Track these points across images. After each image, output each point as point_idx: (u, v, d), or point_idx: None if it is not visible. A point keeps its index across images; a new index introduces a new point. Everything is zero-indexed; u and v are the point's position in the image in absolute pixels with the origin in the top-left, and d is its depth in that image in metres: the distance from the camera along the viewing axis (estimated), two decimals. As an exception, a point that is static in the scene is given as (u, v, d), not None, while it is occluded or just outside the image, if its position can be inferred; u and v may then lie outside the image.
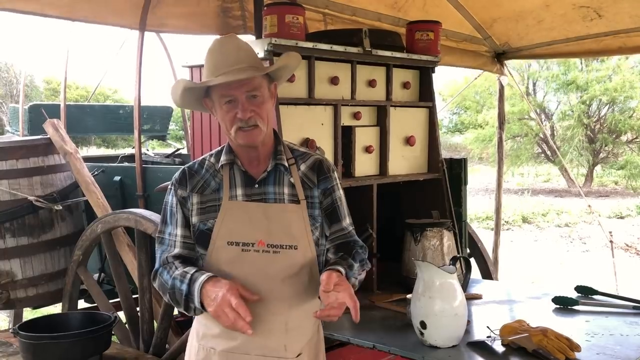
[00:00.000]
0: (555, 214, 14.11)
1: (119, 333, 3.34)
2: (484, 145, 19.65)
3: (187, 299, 1.90)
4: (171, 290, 1.95)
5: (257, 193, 2.03)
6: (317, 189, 2.05)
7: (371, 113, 3.37)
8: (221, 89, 1.94)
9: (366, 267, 2.10)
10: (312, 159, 2.10)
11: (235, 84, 1.92)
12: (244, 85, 1.92)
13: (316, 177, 2.06)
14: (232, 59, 1.94)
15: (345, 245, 2.09)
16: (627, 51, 4.89)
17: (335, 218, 2.08)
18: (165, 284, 1.98)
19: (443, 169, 3.56)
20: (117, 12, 3.60)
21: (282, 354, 2.01)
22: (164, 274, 2.00)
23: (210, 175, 2.06)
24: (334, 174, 2.10)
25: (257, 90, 1.94)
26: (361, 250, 2.10)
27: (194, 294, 1.88)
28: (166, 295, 2.00)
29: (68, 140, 3.76)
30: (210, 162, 2.08)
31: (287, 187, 2.03)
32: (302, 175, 2.05)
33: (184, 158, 4.62)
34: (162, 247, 2.06)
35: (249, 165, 2.05)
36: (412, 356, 2.38)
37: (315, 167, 2.07)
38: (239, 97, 1.93)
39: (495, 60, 5.23)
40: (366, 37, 3.18)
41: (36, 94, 23.95)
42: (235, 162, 2.04)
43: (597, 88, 17.99)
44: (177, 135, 13.98)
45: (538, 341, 2.25)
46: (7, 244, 3.53)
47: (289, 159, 2.06)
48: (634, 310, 2.80)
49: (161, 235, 2.08)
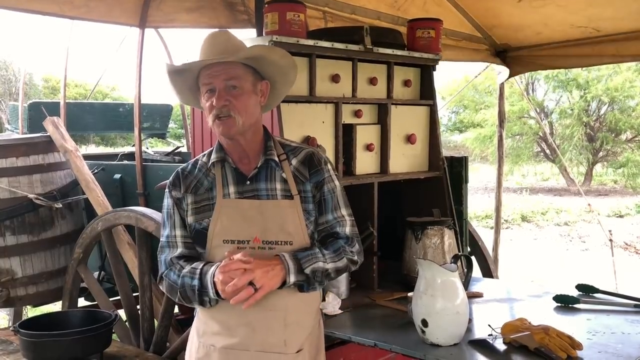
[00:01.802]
0: (554, 213, 14.13)
1: (120, 331, 3.33)
2: (483, 144, 19.65)
3: (201, 292, 1.93)
4: (182, 289, 1.97)
5: (249, 190, 2.03)
6: (310, 183, 2.05)
7: (372, 111, 3.36)
8: (204, 77, 1.97)
9: (347, 256, 2.05)
10: (303, 152, 2.09)
11: (215, 73, 1.94)
12: (222, 74, 1.94)
13: (308, 170, 2.06)
14: (218, 49, 1.96)
15: (326, 237, 2.09)
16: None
17: (321, 210, 2.08)
18: (174, 284, 2.00)
19: (444, 167, 3.56)
20: (117, 10, 3.59)
21: (282, 350, 2.00)
22: (170, 276, 2.01)
23: (202, 174, 2.07)
24: (326, 166, 2.09)
25: (236, 80, 1.95)
26: (342, 241, 2.07)
27: (207, 286, 1.92)
28: (176, 295, 2.01)
29: (68, 138, 3.75)
30: (203, 162, 2.10)
31: (279, 183, 2.03)
32: (294, 170, 2.05)
33: (184, 156, 4.61)
34: (164, 251, 2.09)
35: (240, 162, 2.06)
36: (413, 354, 2.37)
37: (306, 161, 2.07)
38: (217, 86, 1.95)
39: (496, 57, 5.23)
40: (367, 35, 3.17)
41: (35, 92, 23.92)
42: (227, 160, 2.06)
43: (598, 87, 17.99)
44: (177, 133, 13.97)
45: (540, 339, 2.25)
46: (7, 241, 3.52)
47: (280, 154, 2.06)
48: (635, 309, 2.80)
49: (163, 238, 2.11)
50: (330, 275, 2.03)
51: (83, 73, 22.74)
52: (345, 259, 2.05)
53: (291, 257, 1.94)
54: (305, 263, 1.94)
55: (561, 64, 5.38)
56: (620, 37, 4.43)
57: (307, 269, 1.94)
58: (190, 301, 1.99)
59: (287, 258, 1.93)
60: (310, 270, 1.94)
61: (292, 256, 1.94)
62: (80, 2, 3.32)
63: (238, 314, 1.98)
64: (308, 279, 1.96)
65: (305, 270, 1.94)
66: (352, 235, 2.12)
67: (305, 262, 1.94)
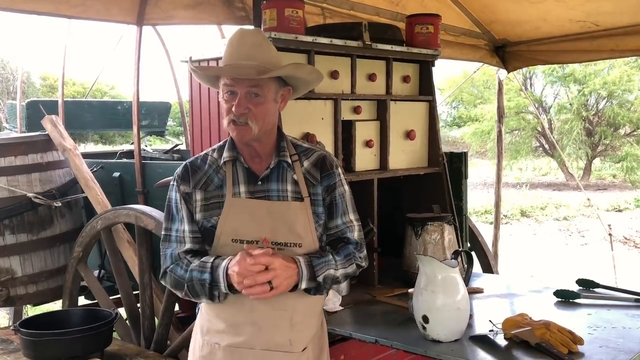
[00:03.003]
0: (553, 208, 14.13)
1: (120, 329, 3.33)
2: (482, 140, 19.64)
3: (212, 286, 1.91)
4: (189, 283, 1.94)
5: (260, 190, 2.01)
6: (321, 186, 2.04)
7: (371, 107, 3.35)
8: (226, 78, 1.94)
9: (357, 262, 2.08)
10: (315, 155, 2.08)
11: (238, 78, 1.92)
12: (246, 80, 1.91)
13: (319, 173, 2.05)
14: (245, 53, 1.93)
15: (337, 242, 2.09)
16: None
17: (331, 214, 2.07)
18: (180, 279, 1.96)
19: (443, 163, 3.55)
20: (115, 8, 3.58)
21: (287, 349, 2.00)
22: (177, 270, 1.98)
23: (213, 171, 2.04)
24: (337, 169, 2.09)
25: (259, 88, 1.93)
26: (352, 246, 2.08)
27: (219, 279, 1.90)
28: (182, 291, 1.98)
29: (66, 137, 3.74)
30: (213, 158, 2.06)
31: (290, 184, 2.02)
32: (305, 172, 2.04)
33: (183, 154, 4.61)
34: (171, 245, 2.03)
35: (252, 162, 2.04)
36: (414, 350, 2.37)
37: (318, 164, 2.06)
38: (239, 91, 1.92)
39: (494, 53, 5.23)
40: (366, 31, 3.16)
41: (33, 90, 23.87)
42: (238, 159, 2.03)
43: (595, 82, 17.98)
44: (176, 131, 13.95)
45: (541, 335, 2.25)
46: (6, 241, 3.52)
47: (292, 155, 2.05)
48: (635, 303, 2.80)
49: (168, 232, 2.05)
50: (339, 281, 2.05)
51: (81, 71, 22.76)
52: (354, 265, 2.07)
53: (306, 263, 1.93)
54: (319, 271, 1.95)
55: (560, 59, 5.39)
56: (619, 31, 4.43)
57: (320, 276, 1.95)
58: (198, 295, 1.96)
59: (302, 264, 1.93)
60: (322, 278, 1.95)
61: (307, 263, 1.94)
62: (77, 1, 3.30)
63: (245, 312, 1.97)
64: (318, 286, 1.97)
65: (317, 277, 1.94)
66: (360, 240, 2.13)
67: (318, 270, 1.94)
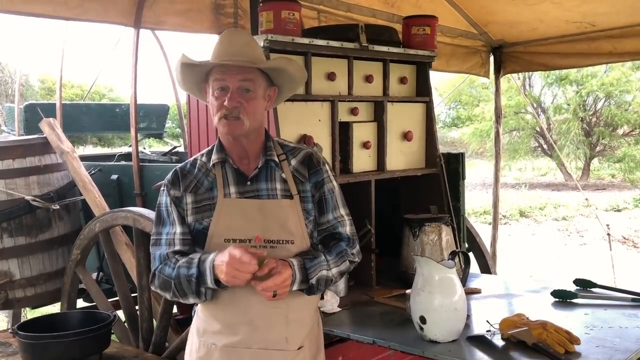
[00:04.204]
0: (552, 208, 14.14)
1: (119, 332, 3.34)
2: (480, 140, 19.65)
3: (199, 281, 1.91)
4: (176, 281, 1.94)
5: (250, 190, 2.04)
6: (309, 183, 2.07)
7: (368, 108, 3.36)
8: (217, 73, 1.97)
9: (349, 258, 2.10)
10: (302, 153, 2.11)
11: (230, 71, 1.94)
12: (238, 74, 1.94)
13: (307, 170, 2.08)
14: (236, 50, 1.96)
15: (328, 238, 2.11)
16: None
17: (321, 210, 2.09)
18: (168, 278, 1.97)
19: (441, 164, 3.56)
20: (112, 10, 3.58)
21: (283, 346, 2.02)
22: (165, 270, 1.99)
23: (202, 174, 2.07)
24: (324, 166, 2.12)
25: (250, 83, 1.96)
26: (345, 243, 2.10)
27: (205, 273, 1.90)
28: (169, 291, 1.98)
29: (64, 139, 3.75)
30: (202, 162, 2.10)
31: (279, 183, 2.05)
32: (293, 170, 2.07)
33: (181, 156, 4.60)
34: (160, 248, 2.05)
35: (240, 163, 2.07)
36: (412, 351, 2.38)
37: (305, 161, 2.09)
38: (231, 85, 1.95)
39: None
40: (362, 33, 3.17)
41: (31, 93, 23.83)
42: (227, 160, 2.06)
43: (593, 83, 18.00)
44: (174, 133, 13.95)
45: (538, 335, 2.25)
46: (4, 244, 3.52)
47: (280, 154, 2.08)
48: (632, 303, 2.80)
49: (157, 236, 2.07)
50: (333, 281, 2.06)
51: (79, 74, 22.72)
52: (347, 262, 2.10)
53: (300, 267, 1.95)
54: (312, 273, 1.96)
55: (558, 64, 5.31)
56: (616, 32, 4.44)
57: (313, 279, 1.96)
58: (186, 294, 1.95)
59: (296, 268, 1.94)
60: (315, 280, 1.97)
61: (301, 266, 1.95)
62: (75, 3, 3.30)
63: (240, 312, 1.99)
64: (311, 287, 1.98)
65: (310, 280, 1.96)
66: (352, 235, 2.15)
67: (311, 273, 1.96)
